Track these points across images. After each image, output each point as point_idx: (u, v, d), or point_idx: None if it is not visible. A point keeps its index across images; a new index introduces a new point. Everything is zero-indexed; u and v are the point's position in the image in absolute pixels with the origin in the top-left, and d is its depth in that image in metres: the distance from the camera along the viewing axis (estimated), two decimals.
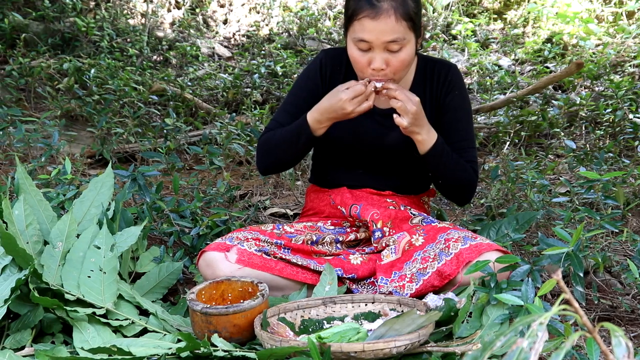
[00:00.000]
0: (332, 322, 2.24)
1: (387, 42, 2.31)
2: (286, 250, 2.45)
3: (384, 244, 2.49)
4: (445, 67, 2.60)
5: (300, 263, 2.43)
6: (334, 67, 2.60)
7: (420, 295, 2.33)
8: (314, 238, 2.52)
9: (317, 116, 2.42)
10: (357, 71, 2.44)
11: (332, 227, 2.63)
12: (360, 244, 2.62)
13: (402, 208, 2.59)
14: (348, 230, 2.62)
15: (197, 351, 1.97)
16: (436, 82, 2.57)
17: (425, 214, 2.61)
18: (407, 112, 2.32)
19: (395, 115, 2.36)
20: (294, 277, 2.41)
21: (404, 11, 2.30)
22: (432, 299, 2.25)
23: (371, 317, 2.24)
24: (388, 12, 2.28)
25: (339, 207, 2.62)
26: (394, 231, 2.52)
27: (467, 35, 6.64)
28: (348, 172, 2.64)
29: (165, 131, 4.11)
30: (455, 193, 2.58)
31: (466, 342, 2.01)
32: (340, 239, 2.56)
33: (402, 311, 2.22)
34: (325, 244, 2.53)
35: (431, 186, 2.77)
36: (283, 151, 2.55)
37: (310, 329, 2.21)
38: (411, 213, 2.58)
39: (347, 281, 2.45)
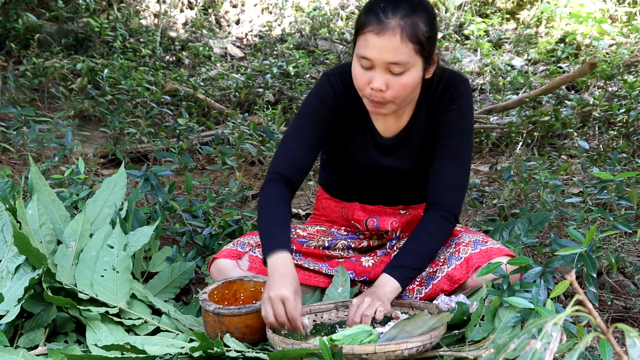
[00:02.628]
0: (344, 326, 2.24)
1: (389, 63, 2.13)
2: (298, 255, 2.44)
3: (395, 248, 2.49)
4: (452, 85, 2.36)
5: (312, 267, 2.42)
6: (344, 90, 2.39)
7: (429, 299, 2.32)
8: (326, 244, 2.51)
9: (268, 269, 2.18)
10: (357, 89, 2.27)
11: (346, 234, 2.61)
12: (372, 249, 2.61)
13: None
14: (361, 237, 2.60)
15: (209, 351, 1.97)
16: (439, 95, 2.36)
17: None
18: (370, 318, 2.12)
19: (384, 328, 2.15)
20: (306, 282, 2.40)
21: (412, 32, 2.12)
22: (442, 300, 2.25)
23: (382, 320, 2.24)
24: (394, 31, 2.10)
25: (352, 222, 2.59)
26: (406, 235, 2.51)
27: (480, 35, 6.62)
28: (359, 190, 2.57)
29: (177, 131, 4.12)
30: None
31: (479, 346, 2.00)
32: (353, 245, 2.55)
33: (414, 314, 2.22)
34: (338, 249, 2.53)
35: None
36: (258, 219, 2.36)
37: (323, 333, 2.21)
38: None
39: (360, 284, 2.44)
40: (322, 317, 2.26)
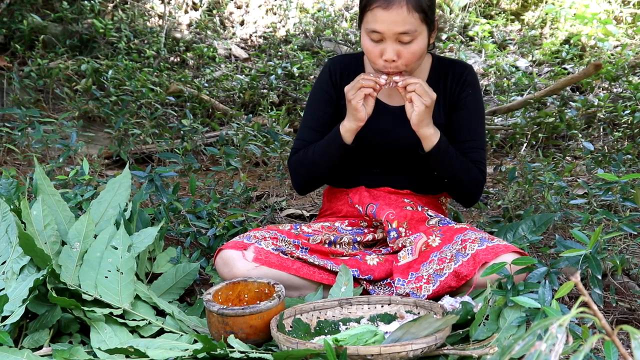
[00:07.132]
0: (348, 323, 2.24)
1: (399, 34, 2.32)
2: (304, 250, 2.45)
3: (400, 245, 2.48)
4: (461, 66, 2.61)
5: (317, 263, 2.43)
6: (342, 72, 2.61)
7: (437, 296, 2.32)
8: (332, 238, 2.52)
9: (344, 122, 2.46)
10: (370, 62, 2.46)
11: (350, 228, 2.62)
12: (377, 244, 2.62)
13: (420, 209, 2.58)
14: (365, 231, 2.61)
15: (213, 352, 1.97)
16: (451, 81, 2.57)
17: (442, 215, 2.60)
18: (426, 95, 2.34)
19: (407, 104, 2.38)
20: (311, 277, 2.41)
21: (416, 3, 2.31)
22: (448, 301, 2.25)
23: (387, 319, 2.24)
24: (400, 3, 2.30)
25: (356, 205, 2.62)
26: (410, 232, 2.51)
27: (485, 36, 6.61)
28: (365, 172, 2.63)
29: (182, 132, 4.12)
30: (461, 193, 2.60)
31: (483, 345, 2.00)
32: (358, 239, 2.56)
33: (419, 313, 2.22)
34: (343, 244, 2.53)
35: None
36: (317, 164, 2.57)
37: (326, 330, 2.21)
38: (428, 214, 2.57)
39: (364, 282, 2.44)
40: (325, 314, 2.26)
